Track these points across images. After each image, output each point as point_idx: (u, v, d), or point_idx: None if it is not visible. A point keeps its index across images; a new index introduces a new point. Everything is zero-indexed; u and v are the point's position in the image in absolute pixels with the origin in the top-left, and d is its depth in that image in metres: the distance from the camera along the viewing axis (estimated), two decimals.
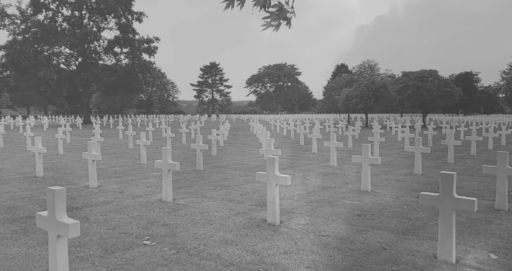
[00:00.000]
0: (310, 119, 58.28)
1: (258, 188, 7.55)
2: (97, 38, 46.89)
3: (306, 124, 21.15)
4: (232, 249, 4.34)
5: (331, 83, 51.65)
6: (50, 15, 46.91)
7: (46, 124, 32.87)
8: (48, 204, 3.09)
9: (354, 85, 37.71)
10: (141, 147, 11.31)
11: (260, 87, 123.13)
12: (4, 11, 45.05)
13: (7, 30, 45.59)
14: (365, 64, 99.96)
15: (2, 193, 7.23)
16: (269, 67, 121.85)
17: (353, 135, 20.14)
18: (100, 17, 48.72)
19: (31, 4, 45.42)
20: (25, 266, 3.84)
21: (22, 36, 45.08)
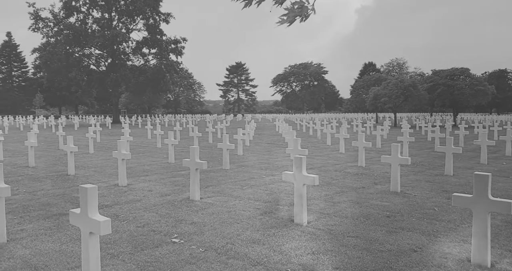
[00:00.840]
0: (337, 118, 57.69)
1: (284, 188, 7.52)
2: (126, 39, 47.89)
3: (333, 124, 20.94)
4: (259, 249, 4.33)
5: (359, 82, 50.98)
6: (81, 18, 48.26)
7: (77, 124, 33.83)
8: (81, 202, 3.16)
9: (383, 84, 37.09)
10: (169, 146, 11.47)
11: (285, 87, 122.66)
12: (39, 14, 46.56)
13: (41, 33, 47.10)
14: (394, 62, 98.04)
15: (37, 190, 7.47)
16: (295, 66, 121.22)
17: (382, 135, 19.81)
18: (129, 18, 49.74)
19: (63, 7, 46.83)
20: (59, 262, 3.96)
21: (54, 38, 46.50)
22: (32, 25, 46.47)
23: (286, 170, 9.75)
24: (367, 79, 48.66)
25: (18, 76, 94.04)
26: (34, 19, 46.35)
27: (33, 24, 46.48)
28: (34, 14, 46.21)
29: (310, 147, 15.63)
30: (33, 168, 10.40)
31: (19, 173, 9.56)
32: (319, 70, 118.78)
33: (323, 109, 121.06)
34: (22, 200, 6.67)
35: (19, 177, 9.03)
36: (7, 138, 21.73)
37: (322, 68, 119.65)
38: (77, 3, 47.29)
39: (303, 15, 2.66)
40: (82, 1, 47.56)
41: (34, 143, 10.80)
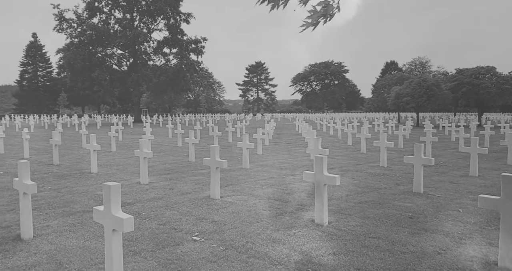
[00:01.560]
0: (358, 118, 57.07)
1: (305, 188, 7.48)
2: (147, 39, 48.51)
3: (354, 124, 20.73)
4: (280, 248, 4.31)
5: (380, 81, 50.29)
6: (103, 18, 49.13)
7: (100, 123, 34.44)
8: (104, 199, 3.21)
9: (405, 83, 36.48)
10: (190, 145, 11.55)
11: (305, 86, 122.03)
12: (63, 15, 47.61)
13: (65, 33, 48.15)
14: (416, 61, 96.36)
15: (61, 188, 7.63)
16: (315, 65, 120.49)
17: (404, 135, 19.50)
18: (150, 18, 50.35)
19: (86, 8, 47.76)
20: (83, 257, 4.03)
21: (78, 39, 47.48)
22: (57, 26, 47.55)
23: (306, 169, 9.70)
24: (389, 78, 47.95)
25: (43, 76, 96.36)
26: (58, 20, 47.41)
27: (57, 25, 47.55)
28: (59, 15, 47.27)
29: (331, 147, 15.51)
30: (57, 166, 10.63)
31: (44, 171, 9.78)
32: (340, 69, 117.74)
33: (343, 108, 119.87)
34: (47, 197, 6.82)
35: (44, 174, 9.24)
36: (32, 136, 22.29)
37: (343, 67, 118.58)
38: (100, 4, 48.15)
39: (327, 15, 2.60)
40: (104, 1, 48.40)
41: (59, 141, 11.03)
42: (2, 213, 5.76)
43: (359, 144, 16.11)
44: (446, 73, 69.36)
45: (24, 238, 4.60)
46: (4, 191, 7.29)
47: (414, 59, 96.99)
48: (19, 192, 4.63)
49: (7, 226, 5.10)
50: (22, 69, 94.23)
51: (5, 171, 9.73)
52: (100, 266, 3.80)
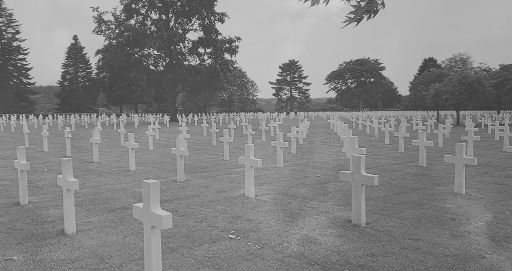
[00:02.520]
0: (395, 116, 55.71)
1: (341, 188, 7.36)
2: (182, 40, 49.31)
3: (391, 122, 20.24)
4: (316, 248, 4.26)
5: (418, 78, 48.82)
6: (140, 20, 50.35)
7: (137, 122, 35.31)
8: (143, 196, 3.27)
9: (444, 80, 35.26)
10: (224, 143, 11.64)
11: (340, 84, 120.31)
12: (102, 18, 49.18)
13: (104, 35, 49.73)
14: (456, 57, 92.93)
15: (101, 185, 7.87)
16: (351, 62, 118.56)
17: (444, 133, 18.86)
18: (185, 19, 51.16)
19: (124, 10, 49.11)
20: (123, 253, 4.13)
21: (116, 40, 48.92)
22: (96, 28, 49.17)
23: (342, 169, 9.56)
24: (427, 75, 46.49)
25: (83, 77, 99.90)
26: (97, 22, 49.01)
27: (96, 27, 49.16)
28: (98, 17, 48.86)
29: (367, 146, 15.21)
30: (97, 163, 10.99)
31: (85, 168, 10.13)
32: (376, 66, 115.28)
33: (380, 107, 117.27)
34: (88, 193, 7.05)
35: (85, 171, 9.57)
36: (73, 135, 23.17)
37: (379, 64, 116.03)
38: (137, 6, 49.38)
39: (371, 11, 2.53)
40: (141, 3, 49.59)
41: (98, 139, 11.39)
42: (46, 208, 6.00)
43: (396, 143, 15.72)
44: (489, 69, 66.45)
45: (68, 233, 4.77)
46: (48, 187, 7.60)
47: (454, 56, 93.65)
48: (62, 188, 4.80)
49: (52, 221, 5.31)
50: (64, 71, 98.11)
51: (49, 168, 10.14)
52: (139, 262, 3.88)
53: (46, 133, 14.53)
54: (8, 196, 6.89)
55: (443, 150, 13.58)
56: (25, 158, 6.14)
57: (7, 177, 8.81)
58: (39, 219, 5.41)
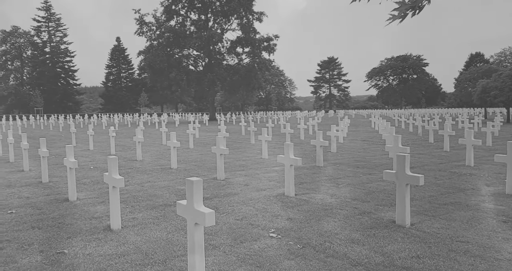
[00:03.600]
0: (440, 114, 53.78)
1: (384, 187, 7.18)
2: (221, 40, 49.84)
3: (435, 120, 19.52)
4: (359, 249, 4.17)
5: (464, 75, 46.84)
6: (180, 20, 51.39)
7: (177, 121, 36.05)
8: (187, 194, 3.31)
9: (493, 76, 33.59)
10: (263, 142, 11.65)
11: (381, 81, 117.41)
12: (143, 20, 50.57)
13: (145, 36, 51.11)
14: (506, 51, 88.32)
15: (144, 182, 8.09)
16: (392, 59, 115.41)
17: (492, 131, 18.01)
18: (224, 19, 51.67)
19: (164, 12, 50.28)
20: (166, 249, 4.22)
21: (157, 41, 50.16)
22: (138, 29, 50.60)
23: (384, 168, 9.33)
24: (474, 71, 44.51)
25: (126, 77, 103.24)
26: (139, 24, 50.43)
27: (138, 29, 50.60)
28: (139, 19, 50.27)
29: (411, 145, 14.75)
30: (140, 161, 11.30)
31: (128, 166, 10.44)
32: (419, 62, 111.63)
33: (423, 104, 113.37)
34: (132, 190, 7.27)
35: (128, 169, 9.87)
36: (117, 133, 23.97)
37: (422, 60, 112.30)
38: (177, 7, 50.42)
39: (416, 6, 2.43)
40: (181, 4, 50.58)
41: (141, 138, 11.71)
42: (93, 204, 6.24)
43: (441, 141, 15.15)
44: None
45: (114, 228, 4.93)
46: (94, 184, 7.90)
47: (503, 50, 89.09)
48: (108, 185, 4.96)
49: (98, 217, 5.51)
50: (107, 72, 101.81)
51: (94, 166, 10.54)
52: (182, 258, 3.95)
53: (92, 132, 15.11)
54: (58, 192, 7.21)
55: (492, 149, 12.95)
56: (73, 156, 6.40)
57: (57, 174, 9.23)
58: (87, 215, 5.62)
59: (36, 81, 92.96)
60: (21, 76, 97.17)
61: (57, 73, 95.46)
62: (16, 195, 7.05)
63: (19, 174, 9.47)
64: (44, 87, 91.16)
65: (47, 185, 7.97)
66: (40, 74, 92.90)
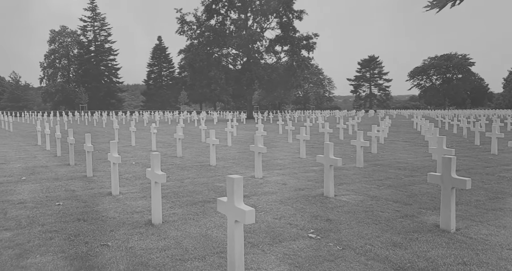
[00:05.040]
0: (486, 115, 51.46)
1: (427, 190, 6.94)
2: (260, 39, 49.95)
3: (481, 121, 18.69)
4: (401, 253, 4.05)
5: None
6: (220, 20, 51.92)
7: (216, 119, 36.48)
8: (227, 191, 3.33)
9: None
10: (301, 141, 11.56)
11: (424, 80, 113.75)
12: (184, 19, 51.48)
13: (186, 35, 52.01)
14: None
15: (184, 178, 8.23)
16: (436, 58, 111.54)
17: None
18: (263, 18, 51.75)
19: (205, 11, 50.99)
20: (206, 245, 4.26)
21: (197, 40, 50.94)
22: (179, 29, 51.57)
23: (427, 171, 9.02)
24: None
25: (167, 76, 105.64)
26: (180, 23, 51.38)
27: (179, 28, 51.56)
28: (181, 18, 51.21)
29: (455, 147, 14.19)
30: (180, 158, 11.51)
31: (169, 162, 10.66)
32: (464, 61, 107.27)
33: (468, 105, 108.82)
34: (173, 186, 7.41)
35: (169, 165, 10.07)
36: (158, 130, 24.55)
37: (468, 60, 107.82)
38: (217, 6, 50.99)
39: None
40: (221, 3, 51.11)
41: (181, 135, 11.93)
42: (135, 199, 6.41)
43: (488, 144, 14.48)
44: None
45: (155, 223, 5.04)
46: (136, 180, 8.11)
47: None
48: (151, 181, 5.07)
49: (140, 211, 5.65)
50: (149, 70, 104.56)
51: (136, 161, 10.83)
52: (221, 255, 3.98)
53: (134, 129, 15.55)
54: (101, 186, 7.47)
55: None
56: (117, 152, 6.60)
57: (100, 169, 9.56)
58: (129, 209, 5.78)
59: (81, 79, 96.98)
60: (67, 74, 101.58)
61: (101, 71, 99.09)
62: (63, 188, 7.36)
63: (65, 167, 9.89)
64: (89, 85, 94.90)
65: (91, 179, 8.27)
66: (85, 72, 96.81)
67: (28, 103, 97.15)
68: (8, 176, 8.69)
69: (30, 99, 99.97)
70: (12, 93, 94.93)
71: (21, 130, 26.26)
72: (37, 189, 7.31)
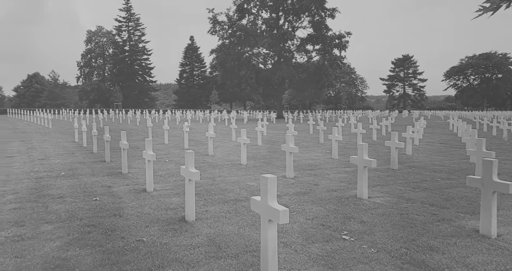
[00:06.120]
0: None
1: (465, 194, 6.71)
2: (291, 38, 49.74)
3: None
4: (438, 257, 3.93)
5: None
6: (251, 19, 52.05)
7: (246, 118, 36.61)
8: (261, 190, 3.33)
9: None
10: (333, 141, 11.42)
11: (461, 80, 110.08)
12: (216, 19, 51.93)
13: (217, 35, 52.45)
14: None
15: (216, 177, 8.30)
16: (474, 57, 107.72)
17: None
18: (295, 17, 51.50)
19: (236, 11, 51.24)
20: (238, 244, 4.28)
21: (229, 40, 51.27)
22: (211, 28, 52.07)
23: (466, 174, 8.73)
24: None
25: (198, 75, 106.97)
26: (212, 23, 51.86)
27: (211, 28, 52.05)
28: (213, 18, 51.68)
29: (495, 149, 13.66)
30: (211, 156, 11.62)
31: (201, 160, 10.78)
32: (504, 61, 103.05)
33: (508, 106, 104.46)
34: (205, 184, 7.49)
35: (201, 163, 10.18)
36: (190, 129, 24.85)
37: (508, 59, 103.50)
38: (249, 5, 51.15)
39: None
40: (253, 3, 51.23)
41: (213, 134, 12.03)
42: (169, 196, 6.51)
43: None
44: None
45: (188, 220, 5.11)
46: (170, 177, 8.25)
47: None
48: (185, 178, 5.14)
49: (174, 208, 5.74)
50: (181, 69, 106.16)
51: (169, 159, 11.02)
52: (254, 254, 3.98)
53: (167, 127, 15.82)
54: (136, 183, 7.64)
55: None
56: (152, 149, 6.73)
57: (134, 166, 9.78)
58: (163, 206, 5.88)
59: (116, 77, 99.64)
60: (103, 73, 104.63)
61: (135, 70, 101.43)
62: (99, 184, 7.57)
63: (101, 164, 10.18)
64: (123, 84, 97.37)
65: (126, 175, 8.47)
66: (119, 71, 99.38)
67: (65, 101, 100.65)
68: (48, 171, 9.03)
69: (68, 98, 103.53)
70: (51, 92, 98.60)
71: (59, 128, 27.25)
72: (75, 184, 7.56)
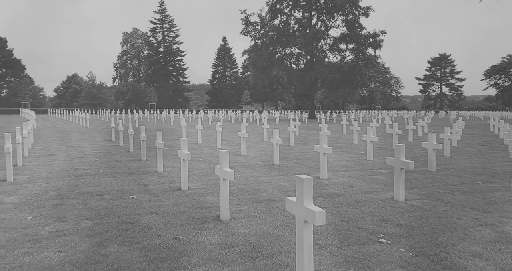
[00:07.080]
0: None
1: (508, 198, 6.43)
2: (324, 37, 49.22)
3: None
4: (482, 264, 3.78)
5: None
6: (284, 19, 51.88)
7: (277, 118, 36.54)
8: (297, 191, 3.29)
9: None
10: (368, 142, 11.22)
11: (503, 80, 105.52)
12: (249, 19, 52.08)
13: (250, 36, 52.58)
14: None
15: (249, 176, 8.32)
16: None
17: None
18: (328, 16, 50.95)
19: (269, 11, 51.20)
20: (273, 244, 4.27)
21: (261, 40, 51.31)
22: (243, 29, 52.26)
23: (510, 177, 8.36)
24: None
25: (230, 76, 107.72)
26: (244, 24, 52.03)
27: (243, 29, 52.24)
28: (245, 19, 51.86)
29: None
30: (244, 156, 11.66)
31: (233, 160, 10.84)
32: None
33: None
34: (238, 184, 7.52)
35: (234, 163, 10.24)
36: (222, 129, 25.05)
37: None
38: (281, 6, 51.02)
39: None
40: (285, 3, 51.06)
41: (245, 134, 12.08)
42: (203, 195, 6.58)
43: None
44: None
45: (222, 219, 5.14)
46: (204, 176, 8.34)
47: None
48: (219, 177, 5.18)
49: (208, 207, 5.80)
50: (214, 70, 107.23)
51: (203, 159, 11.14)
52: (288, 255, 3.96)
53: (201, 127, 16.02)
54: (171, 182, 7.77)
55: None
56: (187, 148, 6.82)
57: (169, 165, 9.95)
58: (198, 204, 5.95)
59: (150, 78, 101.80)
60: (138, 74, 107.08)
61: (169, 71, 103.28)
62: (136, 182, 7.75)
63: (137, 162, 10.42)
64: (158, 84, 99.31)
65: (161, 174, 8.63)
66: (154, 72, 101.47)
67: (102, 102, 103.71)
68: (87, 169, 9.33)
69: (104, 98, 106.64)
70: (89, 92, 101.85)
71: (97, 127, 28.12)
72: (112, 182, 7.77)
